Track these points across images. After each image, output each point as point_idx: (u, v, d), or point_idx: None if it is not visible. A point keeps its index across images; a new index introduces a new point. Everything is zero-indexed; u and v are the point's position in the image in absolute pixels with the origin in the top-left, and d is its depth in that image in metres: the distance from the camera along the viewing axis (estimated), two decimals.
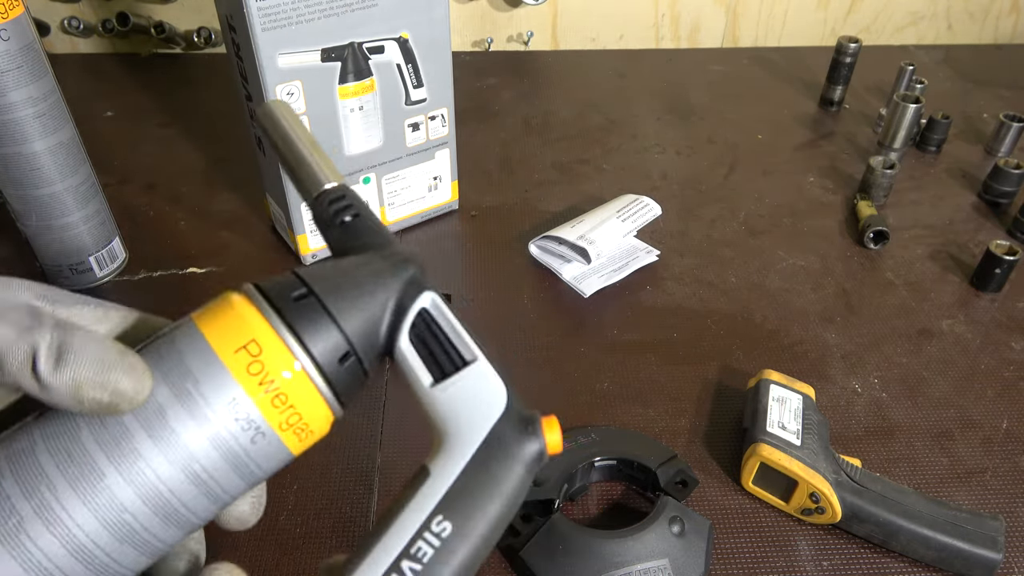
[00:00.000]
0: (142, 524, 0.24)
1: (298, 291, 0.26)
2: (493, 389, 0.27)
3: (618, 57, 1.12)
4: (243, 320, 0.25)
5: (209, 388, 0.25)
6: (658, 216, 0.74)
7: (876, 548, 0.49)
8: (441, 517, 0.25)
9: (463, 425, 0.27)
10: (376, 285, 0.28)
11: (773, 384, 0.54)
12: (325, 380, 0.26)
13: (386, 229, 0.31)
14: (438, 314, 0.28)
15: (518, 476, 0.26)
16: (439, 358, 0.28)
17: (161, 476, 0.24)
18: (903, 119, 0.88)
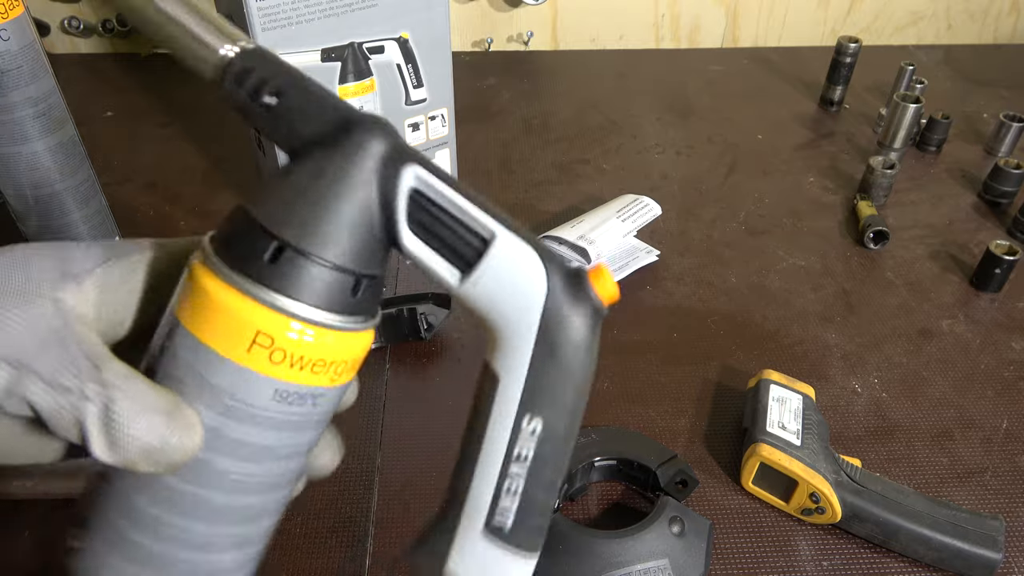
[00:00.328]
0: (260, 507, 0.26)
1: (270, 249, 0.23)
2: (528, 265, 0.24)
3: (618, 57, 1.12)
4: (236, 314, 0.23)
5: (248, 394, 0.24)
6: (658, 216, 0.74)
7: (876, 548, 0.49)
8: (529, 416, 0.24)
9: (511, 316, 0.24)
10: (347, 194, 0.23)
11: (773, 384, 0.54)
12: (349, 317, 0.24)
13: (325, 93, 0.25)
14: (433, 192, 0.24)
15: (585, 347, 0.25)
16: (456, 246, 0.24)
17: (255, 473, 0.25)
18: (903, 119, 0.88)
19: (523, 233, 0.25)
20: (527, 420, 0.24)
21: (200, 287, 0.24)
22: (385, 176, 0.24)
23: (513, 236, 0.24)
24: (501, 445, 0.25)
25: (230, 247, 0.24)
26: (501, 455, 0.25)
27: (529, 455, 0.25)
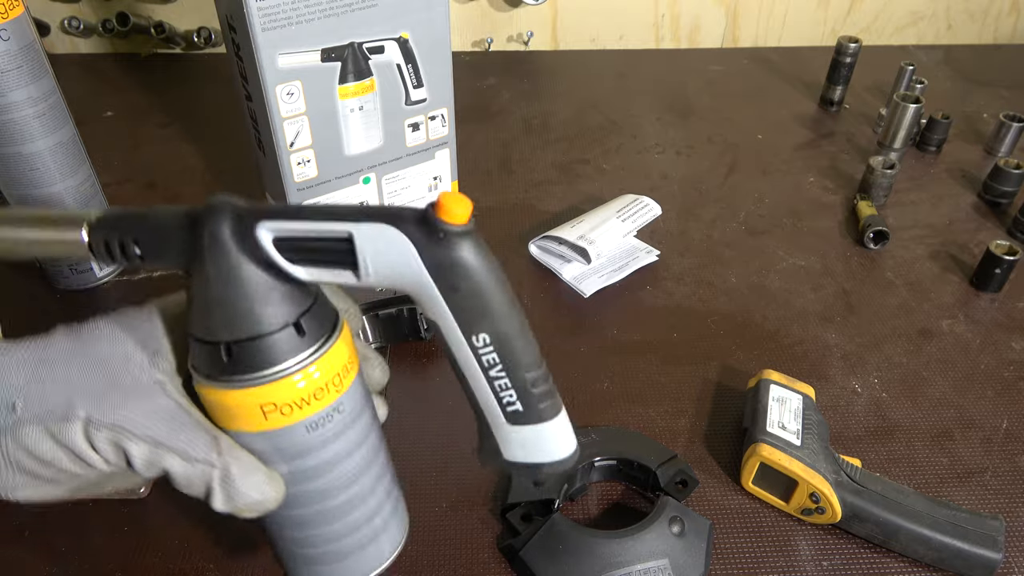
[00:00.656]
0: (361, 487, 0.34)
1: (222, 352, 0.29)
2: (388, 237, 0.28)
3: (618, 57, 1.12)
4: (239, 406, 0.30)
5: (289, 442, 0.31)
6: (658, 216, 0.74)
7: (876, 548, 0.49)
8: (474, 336, 0.30)
9: (410, 278, 0.29)
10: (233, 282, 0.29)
11: (773, 384, 0.54)
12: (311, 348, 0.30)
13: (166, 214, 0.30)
14: (287, 232, 0.28)
15: (472, 268, 0.28)
16: (331, 258, 0.29)
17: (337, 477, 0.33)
18: (903, 119, 0.88)
19: (372, 214, 0.28)
20: (475, 339, 0.30)
21: (208, 401, 0.31)
22: (246, 247, 0.28)
23: (364, 224, 0.28)
24: (473, 364, 0.30)
25: (201, 365, 0.30)
26: (478, 370, 0.31)
27: (495, 358, 0.30)
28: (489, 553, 0.48)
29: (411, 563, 0.48)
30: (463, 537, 0.49)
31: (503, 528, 0.49)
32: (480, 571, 0.47)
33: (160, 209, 0.30)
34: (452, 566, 0.48)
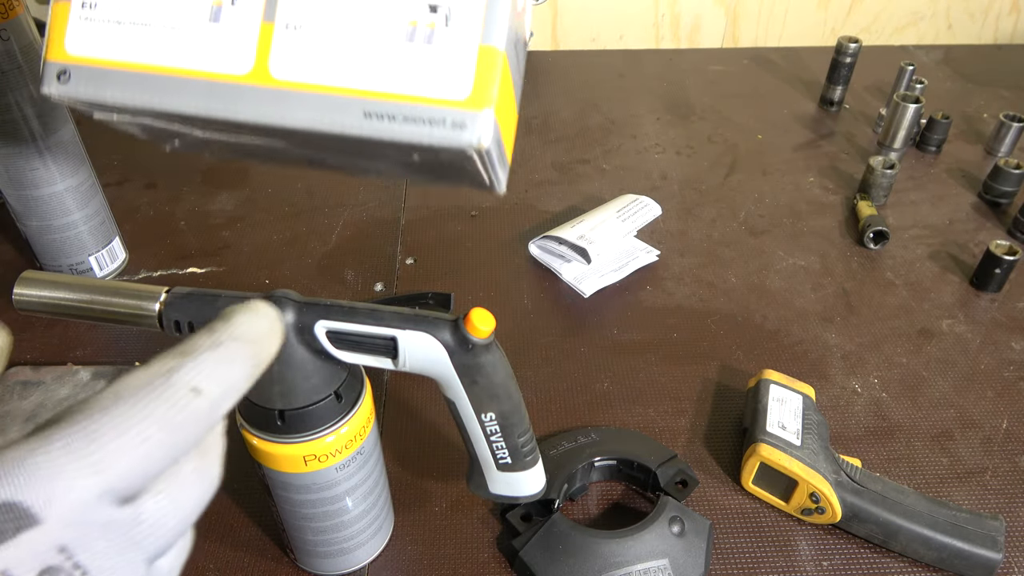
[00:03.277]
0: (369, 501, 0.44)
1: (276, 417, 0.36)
2: (427, 344, 0.35)
3: (618, 57, 1.12)
4: (287, 456, 0.38)
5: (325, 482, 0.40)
6: (658, 216, 0.74)
7: (876, 548, 0.49)
8: (483, 414, 0.37)
9: (438, 371, 0.36)
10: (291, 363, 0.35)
11: (773, 384, 0.54)
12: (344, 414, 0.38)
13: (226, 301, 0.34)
14: (341, 329, 0.34)
15: (490, 367, 0.36)
16: (376, 351, 0.35)
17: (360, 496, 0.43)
18: (903, 119, 0.88)
19: (413, 320, 0.34)
20: (483, 415, 0.38)
21: (257, 448, 0.38)
22: (303, 337, 0.34)
23: (407, 331, 0.34)
24: (478, 432, 0.39)
25: (254, 420, 0.38)
26: (482, 436, 0.39)
27: (496, 428, 0.38)
28: (489, 553, 0.48)
29: (411, 563, 0.48)
30: (463, 537, 0.49)
31: (503, 528, 0.49)
32: (480, 571, 0.47)
33: (227, 295, 0.35)
34: (452, 566, 0.48)
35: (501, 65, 0.24)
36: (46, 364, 0.59)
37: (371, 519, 0.45)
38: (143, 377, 0.20)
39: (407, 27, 0.24)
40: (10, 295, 0.36)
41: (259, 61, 0.24)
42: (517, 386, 0.38)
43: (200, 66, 0.24)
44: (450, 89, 0.24)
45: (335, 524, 0.43)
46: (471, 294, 0.68)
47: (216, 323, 0.23)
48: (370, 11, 0.24)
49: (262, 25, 0.24)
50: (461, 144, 0.24)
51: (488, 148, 0.24)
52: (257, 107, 0.24)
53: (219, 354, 0.21)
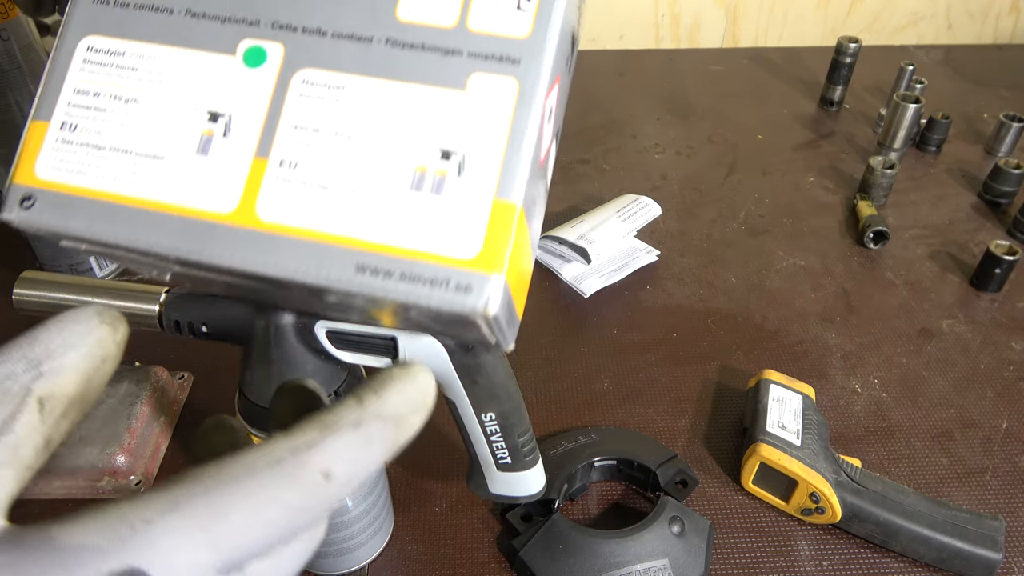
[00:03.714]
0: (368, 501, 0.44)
1: None
2: (427, 343, 0.34)
3: (618, 57, 1.12)
4: None
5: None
6: (658, 216, 0.74)
7: (876, 548, 0.49)
8: (483, 413, 0.37)
9: (438, 370, 0.35)
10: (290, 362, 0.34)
11: (773, 384, 0.54)
12: None
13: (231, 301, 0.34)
14: (341, 329, 0.33)
15: (490, 367, 0.36)
16: (376, 350, 0.34)
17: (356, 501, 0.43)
18: (903, 119, 0.88)
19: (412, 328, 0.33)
20: (483, 415, 0.37)
21: None
22: (303, 338, 0.34)
23: (408, 332, 0.34)
24: (478, 432, 0.38)
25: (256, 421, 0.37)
26: (482, 436, 0.38)
27: (496, 428, 0.38)
28: (489, 553, 0.48)
29: (411, 563, 0.48)
30: (463, 537, 0.49)
31: (503, 528, 0.49)
32: (480, 571, 0.47)
33: (223, 301, 0.34)
34: (452, 566, 0.47)
35: (517, 222, 0.21)
36: None
37: (371, 519, 0.45)
38: (278, 451, 0.18)
39: (414, 173, 0.22)
40: (10, 295, 0.36)
41: (246, 200, 0.22)
42: (517, 386, 0.38)
43: (179, 201, 0.22)
44: (456, 246, 0.21)
45: (335, 524, 0.43)
46: None
47: (366, 393, 0.20)
48: (376, 152, 0.22)
49: (254, 161, 0.22)
50: (464, 310, 0.21)
51: (496, 315, 0.21)
52: (237, 251, 0.22)
53: (360, 436, 0.19)
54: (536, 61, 0.22)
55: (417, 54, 0.22)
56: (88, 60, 0.23)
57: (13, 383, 0.18)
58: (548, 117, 0.23)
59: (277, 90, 0.22)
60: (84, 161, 0.23)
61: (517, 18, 0.22)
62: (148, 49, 0.23)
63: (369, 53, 0.22)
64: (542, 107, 0.22)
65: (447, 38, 0.22)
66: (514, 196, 0.21)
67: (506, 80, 0.22)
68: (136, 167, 0.22)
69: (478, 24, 0.22)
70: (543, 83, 0.22)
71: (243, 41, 0.23)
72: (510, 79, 0.22)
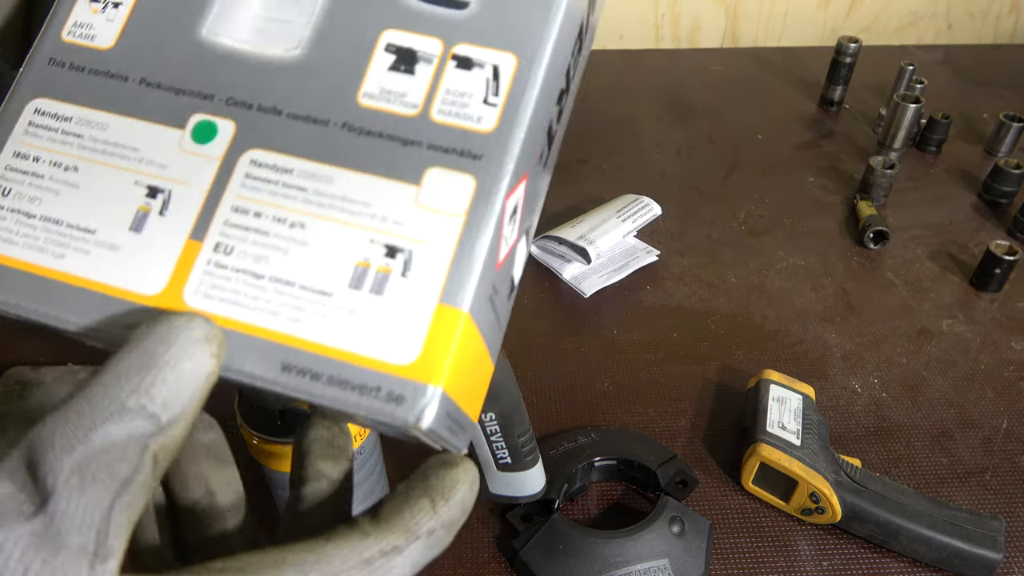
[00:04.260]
0: None
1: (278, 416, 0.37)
2: None
3: (618, 57, 1.12)
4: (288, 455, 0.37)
5: None
6: (658, 216, 0.74)
7: (876, 548, 0.49)
8: (483, 414, 0.37)
9: None
10: None
11: (773, 384, 0.54)
12: None
13: None
14: None
15: None
16: None
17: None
18: (903, 119, 0.88)
19: None
20: (483, 415, 0.37)
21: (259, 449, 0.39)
22: None
23: None
24: (479, 431, 0.38)
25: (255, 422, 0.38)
26: (482, 436, 0.38)
27: (497, 429, 0.38)
28: (489, 553, 0.48)
29: None
30: (463, 537, 0.49)
31: (503, 528, 0.49)
32: (480, 571, 0.47)
33: None
34: (452, 566, 0.47)
35: (463, 330, 0.20)
36: (46, 364, 0.59)
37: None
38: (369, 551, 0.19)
39: (355, 269, 0.20)
40: None
41: (173, 283, 0.20)
42: (517, 386, 0.38)
43: (103, 279, 0.20)
44: (393, 352, 0.19)
45: None
46: None
47: (439, 499, 0.20)
48: (317, 244, 0.20)
49: (187, 242, 0.20)
50: (395, 422, 0.19)
51: (431, 428, 0.20)
52: None
53: (429, 542, 0.20)
54: (498, 158, 0.20)
55: (374, 142, 0.21)
56: (33, 123, 0.22)
57: (134, 444, 0.16)
58: (511, 217, 0.21)
59: (222, 169, 0.21)
60: (11, 229, 0.21)
61: (483, 112, 0.21)
62: (96, 116, 0.22)
63: (323, 137, 0.21)
64: (501, 208, 0.20)
65: (407, 127, 0.21)
66: (460, 302, 0.20)
67: (463, 178, 0.20)
68: (65, 239, 0.21)
69: (442, 115, 0.21)
70: (504, 182, 0.20)
71: (194, 115, 0.22)
72: (468, 177, 0.20)
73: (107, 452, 0.16)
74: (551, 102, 0.22)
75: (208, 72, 0.22)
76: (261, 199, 0.21)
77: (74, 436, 0.16)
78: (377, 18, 0.22)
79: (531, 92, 0.21)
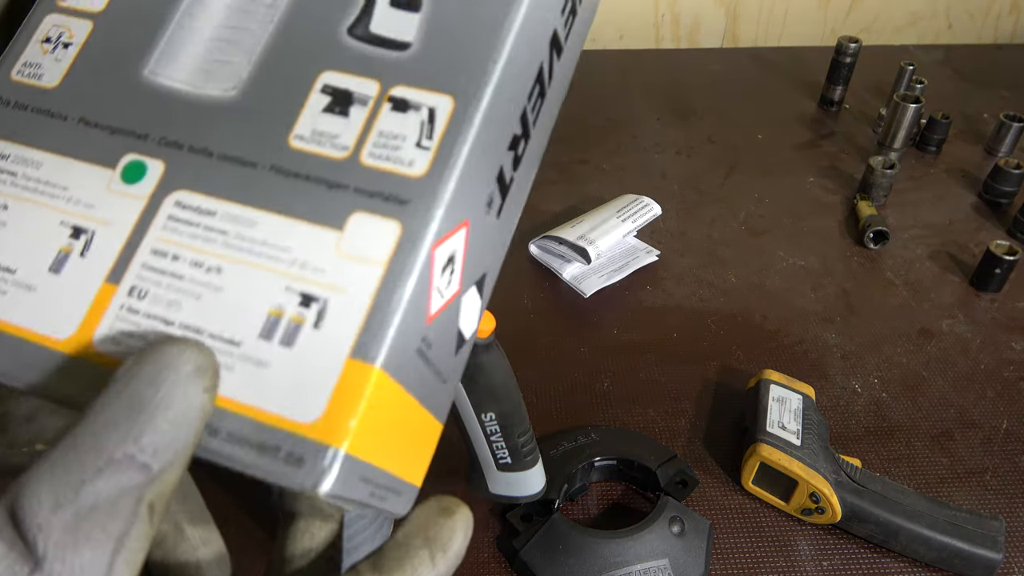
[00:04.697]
0: None
1: None
2: None
3: (618, 57, 1.12)
4: None
5: None
6: (658, 216, 0.74)
7: (876, 548, 0.49)
8: (483, 414, 0.38)
9: None
10: None
11: (773, 384, 0.54)
12: None
13: None
14: None
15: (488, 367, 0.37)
16: None
17: None
18: (903, 119, 0.88)
19: None
20: (483, 415, 0.38)
21: None
22: None
23: None
24: (478, 431, 0.39)
25: None
26: (482, 436, 0.39)
27: (497, 429, 0.39)
28: (489, 553, 0.48)
29: None
30: None
31: (503, 528, 0.49)
32: (480, 571, 0.47)
33: None
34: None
35: (374, 386, 0.18)
36: None
37: (371, 519, 0.45)
38: None
39: (268, 318, 0.19)
40: None
41: (84, 327, 0.19)
42: (517, 386, 0.38)
43: (17, 320, 0.20)
44: (296, 408, 0.18)
45: None
46: None
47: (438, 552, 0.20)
48: (233, 290, 0.19)
49: (103, 285, 0.20)
50: (292, 485, 0.17)
51: (334, 493, 0.17)
52: (57, 380, 0.19)
53: None
54: (426, 204, 0.19)
55: (300, 185, 0.20)
56: None
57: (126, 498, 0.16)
58: (446, 267, 0.20)
59: (147, 210, 0.20)
60: None
61: (415, 155, 0.19)
62: (32, 154, 0.21)
63: (251, 180, 0.20)
64: (428, 256, 0.19)
65: (336, 170, 0.20)
66: (373, 357, 0.18)
67: (387, 223, 0.19)
68: None
69: (372, 158, 0.20)
70: (432, 229, 0.19)
71: (127, 155, 0.21)
72: (392, 222, 0.19)
73: (98, 509, 0.15)
74: (499, 148, 0.21)
75: (145, 112, 0.21)
76: (181, 242, 0.20)
77: (62, 494, 0.15)
78: (317, 59, 0.21)
79: (467, 134, 0.20)
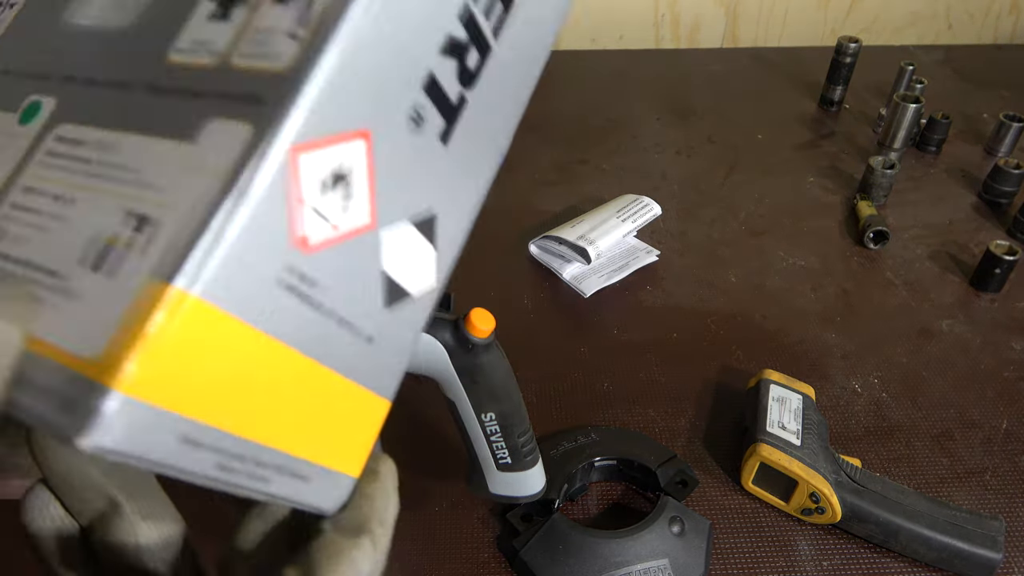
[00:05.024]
0: None
1: None
2: (427, 342, 0.35)
3: (618, 57, 1.12)
4: None
5: None
6: (658, 216, 0.74)
7: (876, 548, 0.49)
8: (483, 413, 0.38)
9: (438, 370, 0.37)
10: None
11: (773, 384, 0.54)
12: None
13: None
14: None
15: (490, 366, 0.37)
16: None
17: None
18: (903, 119, 0.88)
19: None
20: (484, 415, 0.38)
21: None
22: None
23: None
24: (479, 432, 0.39)
25: None
26: (482, 436, 0.39)
27: (497, 429, 0.39)
28: (489, 553, 0.48)
29: (411, 563, 0.48)
30: (463, 537, 0.49)
31: (503, 528, 0.49)
32: (480, 571, 0.47)
33: None
34: (452, 566, 0.47)
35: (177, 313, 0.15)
36: None
37: None
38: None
39: (102, 247, 0.16)
40: None
41: None
42: (517, 386, 0.38)
43: None
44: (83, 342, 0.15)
45: None
46: (471, 294, 0.68)
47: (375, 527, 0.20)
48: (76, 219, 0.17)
49: None
50: (60, 433, 0.14)
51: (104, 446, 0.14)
52: None
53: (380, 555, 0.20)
54: (282, 99, 0.16)
55: (167, 101, 0.18)
56: None
57: None
58: (330, 185, 0.17)
59: (31, 148, 0.19)
60: None
61: (285, 47, 0.17)
62: None
63: (124, 103, 0.18)
64: (283, 162, 0.16)
65: (203, 79, 0.17)
66: (185, 279, 0.15)
67: (238, 127, 0.16)
68: None
69: (242, 58, 0.17)
70: (285, 127, 0.16)
71: (29, 97, 0.20)
72: (244, 126, 0.16)
73: None
74: (421, 46, 0.19)
75: (54, 53, 0.21)
76: (50, 176, 0.18)
77: None
78: None
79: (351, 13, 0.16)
